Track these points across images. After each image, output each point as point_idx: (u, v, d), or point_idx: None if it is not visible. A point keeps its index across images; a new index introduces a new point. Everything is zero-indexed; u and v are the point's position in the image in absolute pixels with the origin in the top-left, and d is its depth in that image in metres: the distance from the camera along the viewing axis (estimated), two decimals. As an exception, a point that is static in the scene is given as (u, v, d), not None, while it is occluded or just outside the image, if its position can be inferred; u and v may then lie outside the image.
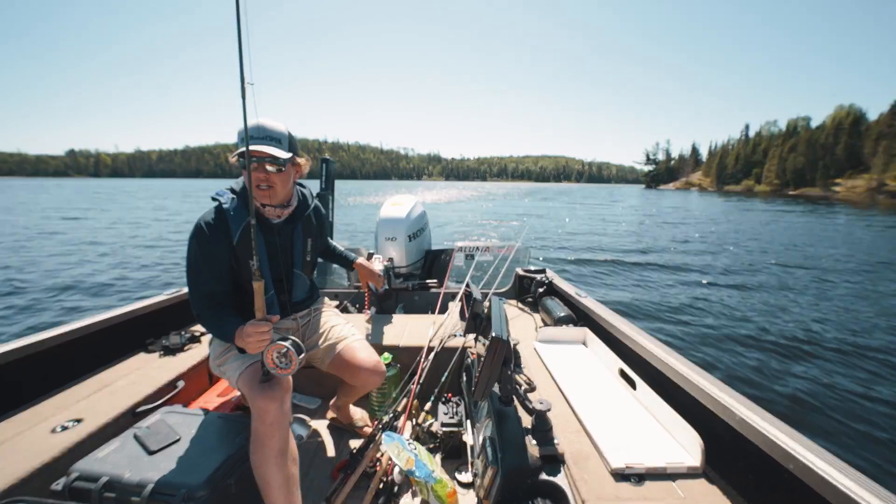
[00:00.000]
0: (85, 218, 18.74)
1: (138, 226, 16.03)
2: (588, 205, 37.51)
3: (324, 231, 1.68)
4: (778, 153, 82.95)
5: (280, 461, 1.15)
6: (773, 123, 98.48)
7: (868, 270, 8.72)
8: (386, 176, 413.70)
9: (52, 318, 5.22)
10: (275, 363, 1.15)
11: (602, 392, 1.61)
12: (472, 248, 3.17)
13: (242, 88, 1.11)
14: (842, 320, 5.35)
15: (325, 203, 3.22)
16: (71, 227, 15.04)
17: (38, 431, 1.33)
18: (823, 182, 71.63)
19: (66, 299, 6.09)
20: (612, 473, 1.17)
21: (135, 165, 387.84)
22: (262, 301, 1.16)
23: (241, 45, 1.05)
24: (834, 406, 3.23)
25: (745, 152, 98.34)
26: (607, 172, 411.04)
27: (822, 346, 4.43)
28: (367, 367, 1.53)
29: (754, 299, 6.40)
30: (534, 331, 2.29)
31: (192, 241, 1.31)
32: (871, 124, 68.65)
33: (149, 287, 6.83)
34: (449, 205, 34.38)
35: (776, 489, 1.01)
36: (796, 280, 7.78)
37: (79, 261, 8.81)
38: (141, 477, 1.10)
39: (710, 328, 5.06)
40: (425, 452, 1.38)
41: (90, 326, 1.81)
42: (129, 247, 10.86)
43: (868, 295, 6.72)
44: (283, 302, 1.52)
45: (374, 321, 2.36)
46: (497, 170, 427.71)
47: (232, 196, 1.36)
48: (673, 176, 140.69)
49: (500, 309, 1.26)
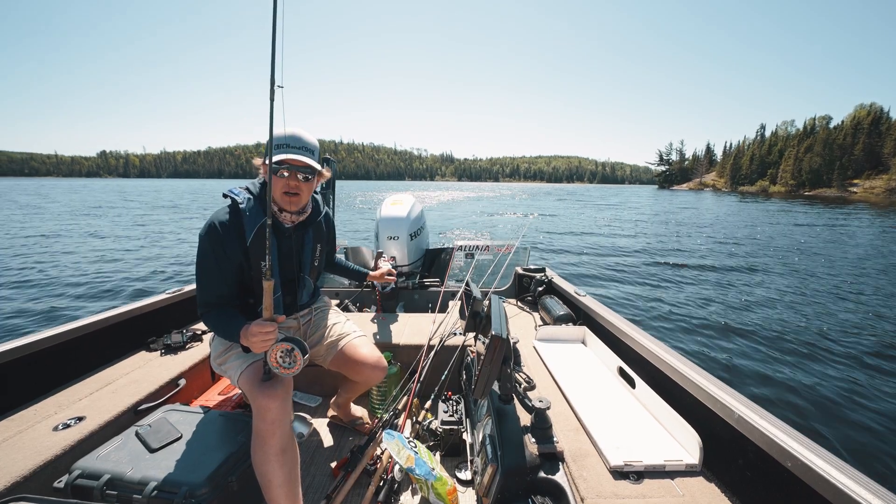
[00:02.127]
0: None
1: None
2: (593, 205, 37.50)
3: (332, 238, 1.70)
4: (794, 153, 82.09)
5: (281, 459, 1.15)
6: (791, 123, 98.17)
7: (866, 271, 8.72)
8: (400, 176, 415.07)
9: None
10: (278, 363, 1.15)
11: (601, 390, 1.62)
12: (471, 247, 3.17)
13: (272, 91, 1.10)
14: (852, 322, 5.34)
15: (325, 203, 3.21)
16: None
17: (41, 429, 1.34)
18: (840, 183, 70.47)
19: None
20: (611, 471, 1.17)
21: (161, 166, 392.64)
22: (270, 300, 1.16)
23: (274, 47, 1.06)
24: (834, 405, 3.24)
25: (760, 153, 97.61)
26: (621, 173, 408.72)
27: (820, 346, 4.44)
28: (369, 363, 1.55)
29: (763, 297, 6.41)
30: (533, 329, 2.30)
31: (205, 240, 1.30)
32: (893, 124, 67.52)
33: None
34: (459, 203, 35.69)
35: (774, 487, 1.02)
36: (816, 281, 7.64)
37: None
38: (143, 475, 1.11)
39: (704, 319, 5.20)
40: (425, 450, 1.38)
41: (92, 325, 1.82)
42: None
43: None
44: (288, 304, 1.52)
45: (374, 319, 2.37)
46: (509, 170, 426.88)
47: (248, 196, 1.36)
48: (686, 176, 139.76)
49: (500, 307, 1.27)
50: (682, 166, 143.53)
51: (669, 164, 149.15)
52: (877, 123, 70.66)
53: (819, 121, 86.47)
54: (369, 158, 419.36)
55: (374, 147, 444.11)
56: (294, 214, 1.41)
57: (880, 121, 70.66)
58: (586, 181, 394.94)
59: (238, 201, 1.32)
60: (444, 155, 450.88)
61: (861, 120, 72.29)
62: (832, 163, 73.24)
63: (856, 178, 69.76)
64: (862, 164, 69.70)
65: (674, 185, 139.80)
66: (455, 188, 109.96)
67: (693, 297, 6.42)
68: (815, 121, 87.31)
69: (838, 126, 78.05)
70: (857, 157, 70.27)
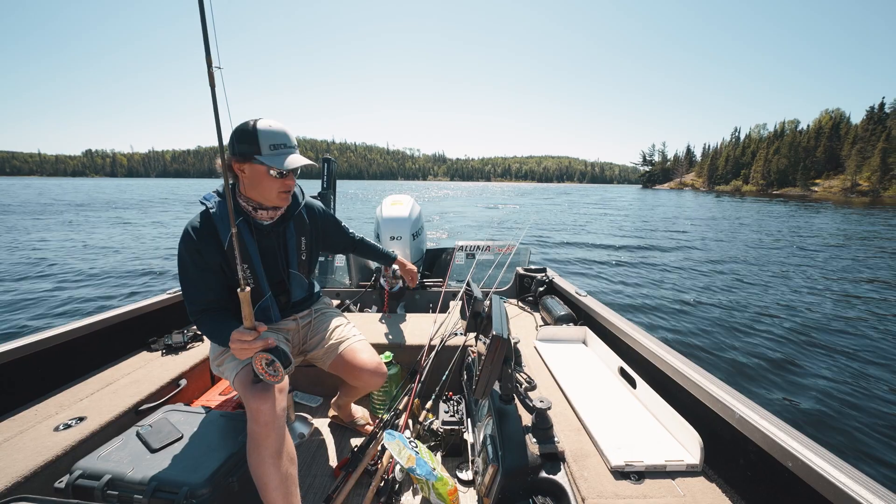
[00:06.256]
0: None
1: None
2: (575, 203, 39.66)
3: (319, 228, 1.63)
4: (764, 155, 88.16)
5: (276, 461, 1.14)
6: (763, 127, 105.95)
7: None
8: (392, 176, 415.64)
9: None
10: (264, 370, 1.13)
11: (602, 390, 1.62)
12: (472, 247, 3.17)
13: (210, 74, 0.97)
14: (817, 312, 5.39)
15: (326, 202, 3.22)
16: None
17: (41, 429, 1.34)
18: (804, 182, 76.66)
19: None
20: (612, 471, 1.17)
21: (150, 165, 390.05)
22: (248, 310, 1.12)
23: (204, 21, 0.93)
24: (833, 404, 3.24)
25: (734, 154, 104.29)
26: (609, 173, 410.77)
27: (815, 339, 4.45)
28: (368, 369, 1.53)
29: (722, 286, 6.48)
30: (534, 329, 2.30)
31: (182, 248, 1.29)
32: (851, 128, 73.69)
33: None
34: (454, 200, 38.39)
35: (775, 487, 1.01)
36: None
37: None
38: (143, 475, 1.11)
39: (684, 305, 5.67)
40: (426, 450, 1.38)
41: (93, 325, 1.82)
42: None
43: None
44: (283, 304, 1.51)
45: (375, 320, 2.37)
46: (501, 170, 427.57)
47: (218, 199, 1.33)
48: (668, 176, 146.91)
49: (501, 308, 1.27)
50: (664, 167, 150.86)
51: (652, 164, 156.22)
52: (837, 128, 77.31)
53: (788, 124, 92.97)
54: (362, 158, 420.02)
55: (367, 147, 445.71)
56: (272, 210, 1.38)
57: (839, 125, 77.30)
58: (576, 181, 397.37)
59: (209, 206, 1.30)
60: (437, 155, 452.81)
61: (824, 124, 78.73)
62: (797, 164, 79.38)
63: (818, 178, 75.87)
64: (823, 166, 76.03)
65: (656, 184, 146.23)
66: (447, 188, 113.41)
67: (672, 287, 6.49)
68: (784, 124, 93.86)
69: (804, 130, 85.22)
70: (819, 158, 76.58)
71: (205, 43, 0.95)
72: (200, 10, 0.93)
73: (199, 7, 0.93)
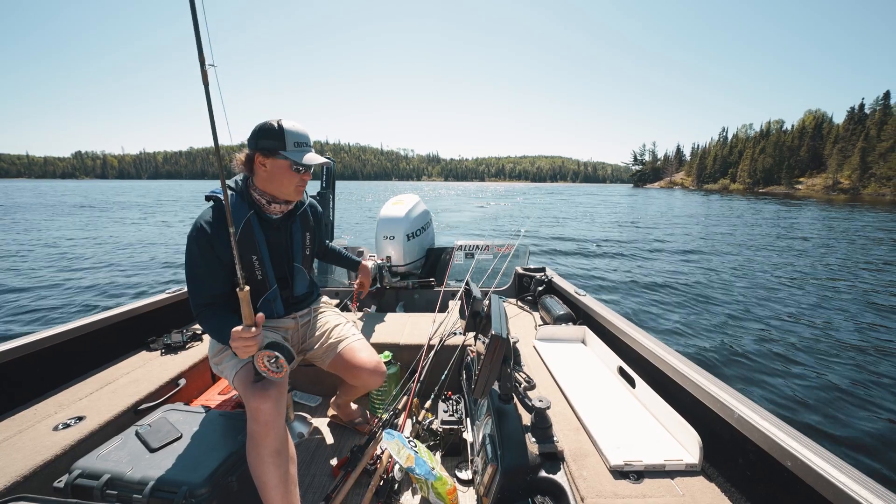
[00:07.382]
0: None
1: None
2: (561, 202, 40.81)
3: (321, 226, 1.68)
4: (750, 154, 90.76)
5: (276, 460, 1.14)
6: (749, 126, 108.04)
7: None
8: (386, 177, 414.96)
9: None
10: (266, 367, 1.14)
11: (601, 390, 1.62)
12: (471, 246, 3.17)
13: (204, 72, 0.97)
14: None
15: (325, 202, 3.23)
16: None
17: (41, 429, 1.34)
18: (788, 181, 79.28)
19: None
20: (612, 471, 1.17)
21: (141, 167, 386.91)
22: (248, 310, 1.13)
23: (196, 19, 0.93)
24: (833, 405, 3.24)
25: (722, 153, 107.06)
26: (602, 172, 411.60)
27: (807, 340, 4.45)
28: (367, 368, 1.54)
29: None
30: (533, 329, 2.30)
31: (192, 243, 1.30)
32: (832, 128, 76.27)
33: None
34: (449, 200, 39.25)
35: (774, 487, 1.02)
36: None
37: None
38: (142, 474, 1.11)
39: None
40: (425, 450, 1.38)
41: (92, 325, 1.82)
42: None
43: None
44: (286, 298, 1.52)
45: (374, 319, 2.37)
46: (495, 170, 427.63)
47: (231, 192, 1.37)
48: (658, 175, 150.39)
49: (500, 307, 1.27)
50: (654, 166, 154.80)
51: (643, 164, 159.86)
52: (819, 128, 79.99)
53: (774, 124, 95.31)
54: (356, 159, 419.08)
55: (361, 147, 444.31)
56: (283, 204, 1.42)
57: (822, 125, 79.90)
58: (569, 180, 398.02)
59: (221, 199, 1.33)
60: (431, 155, 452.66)
61: (808, 124, 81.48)
62: (782, 163, 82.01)
63: (801, 176, 78.45)
64: (806, 164, 78.65)
65: (647, 183, 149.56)
66: (442, 188, 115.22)
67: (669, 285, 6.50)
68: (769, 124, 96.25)
69: (788, 130, 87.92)
70: (803, 157, 79.30)
71: (197, 40, 0.95)
72: (191, 6, 0.92)
73: (190, 2, 0.92)
